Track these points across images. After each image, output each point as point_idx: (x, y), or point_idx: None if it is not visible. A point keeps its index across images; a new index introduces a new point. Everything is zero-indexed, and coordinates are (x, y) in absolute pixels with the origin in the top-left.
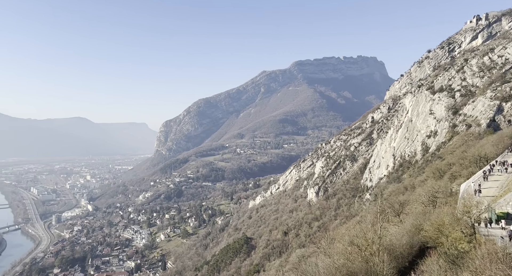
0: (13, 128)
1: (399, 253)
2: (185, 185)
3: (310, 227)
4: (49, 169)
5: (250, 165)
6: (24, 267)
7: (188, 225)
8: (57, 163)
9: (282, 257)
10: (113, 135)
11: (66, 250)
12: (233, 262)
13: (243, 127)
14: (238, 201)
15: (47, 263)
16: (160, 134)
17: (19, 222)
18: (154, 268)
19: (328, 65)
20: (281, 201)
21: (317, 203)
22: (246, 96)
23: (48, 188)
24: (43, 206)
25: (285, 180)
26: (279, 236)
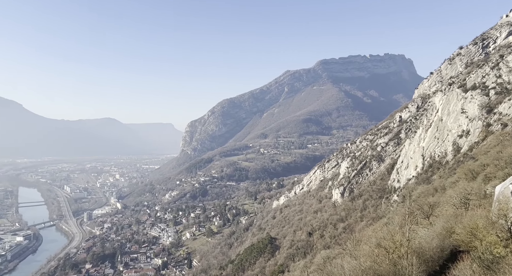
0: (48, 129)
1: (429, 256)
2: (210, 184)
3: (335, 228)
4: (81, 168)
5: (274, 165)
6: (59, 262)
7: (213, 224)
8: (88, 162)
9: (307, 258)
10: (140, 136)
11: (97, 246)
12: (258, 261)
13: (266, 127)
14: (262, 201)
15: (79, 258)
16: (185, 135)
17: (53, 218)
18: (180, 265)
19: (353, 63)
20: (305, 201)
21: (342, 204)
22: (270, 96)
23: (80, 186)
24: (75, 204)
25: (309, 180)
26: (304, 237)
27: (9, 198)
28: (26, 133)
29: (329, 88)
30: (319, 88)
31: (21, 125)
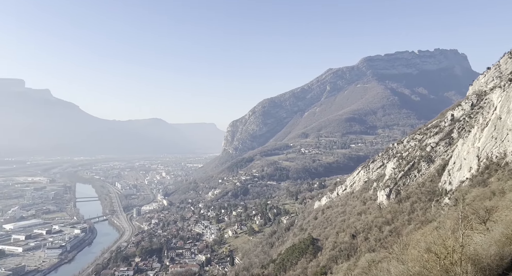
0: (101, 129)
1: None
2: (251, 183)
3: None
4: (131, 165)
5: (315, 165)
6: (111, 254)
7: (254, 223)
8: (137, 160)
9: (350, 261)
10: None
11: (145, 241)
12: (299, 262)
13: (307, 126)
14: (303, 201)
15: (129, 252)
16: (227, 134)
17: (106, 213)
18: (223, 262)
19: (400, 60)
20: (348, 202)
21: (388, 206)
22: (311, 95)
23: (129, 183)
24: (125, 200)
25: (352, 181)
26: (347, 239)
27: (67, 193)
28: (82, 133)
29: (373, 86)
30: (363, 86)
31: (78, 126)
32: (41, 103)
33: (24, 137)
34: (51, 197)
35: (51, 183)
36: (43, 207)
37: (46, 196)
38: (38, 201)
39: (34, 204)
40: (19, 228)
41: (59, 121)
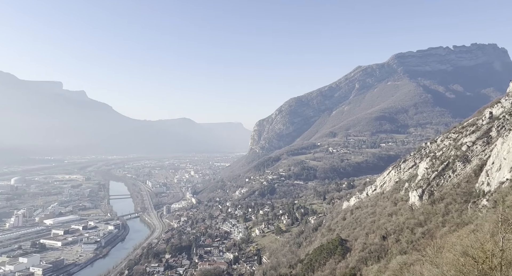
0: (133, 129)
1: None
2: (278, 182)
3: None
4: (161, 164)
5: (343, 164)
6: (143, 250)
7: (281, 222)
8: (167, 159)
9: (381, 263)
10: (212, 134)
11: (175, 238)
12: (328, 262)
13: (335, 125)
14: (331, 201)
15: (160, 248)
16: (253, 133)
17: (138, 210)
18: (251, 261)
19: (434, 56)
20: (378, 203)
21: (421, 207)
22: (339, 93)
23: (160, 181)
24: (156, 197)
25: (382, 181)
26: (377, 240)
27: (102, 190)
28: (115, 132)
29: (405, 83)
30: (394, 84)
31: (111, 125)
32: (77, 104)
33: (62, 136)
34: (87, 194)
35: (86, 181)
36: (80, 203)
37: (82, 193)
38: (75, 198)
39: (71, 201)
40: (58, 223)
41: (93, 122)
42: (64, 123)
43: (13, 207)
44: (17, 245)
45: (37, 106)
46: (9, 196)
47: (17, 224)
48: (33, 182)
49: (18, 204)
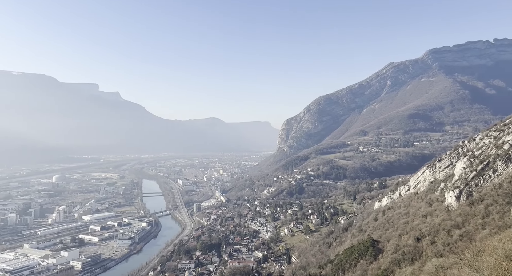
0: (164, 129)
1: None
2: (306, 182)
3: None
4: (191, 163)
5: (375, 164)
6: (174, 247)
7: (310, 222)
8: (196, 158)
9: (415, 265)
10: (241, 134)
11: (204, 236)
12: (359, 264)
13: (366, 124)
14: (362, 201)
15: (190, 245)
16: (281, 132)
17: (169, 208)
18: (280, 260)
19: (472, 50)
20: (411, 204)
21: (458, 209)
22: (370, 91)
23: (190, 180)
24: (186, 195)
25: (416, 181)
26: (411, 242)
27: (135, 188)
28: (147, 132)
29: (440, 79)
30: (428, 80)
31: (144, 125)
32: (112, 105)
33: (98, 136)
34: (121, 192)
35: (121, 179)
36: (115, 201)
37: (117, 191)
38: (110, 195)
39: (107, 198)
40: (95, 219)
41: (127, 122)
42: (100, 124)
43: (54, 203)
44: (59, 239)
45: (75, 108)
46: (51, 193)
47: (58, 220)
48: (72, 179)
49: (59, 200)
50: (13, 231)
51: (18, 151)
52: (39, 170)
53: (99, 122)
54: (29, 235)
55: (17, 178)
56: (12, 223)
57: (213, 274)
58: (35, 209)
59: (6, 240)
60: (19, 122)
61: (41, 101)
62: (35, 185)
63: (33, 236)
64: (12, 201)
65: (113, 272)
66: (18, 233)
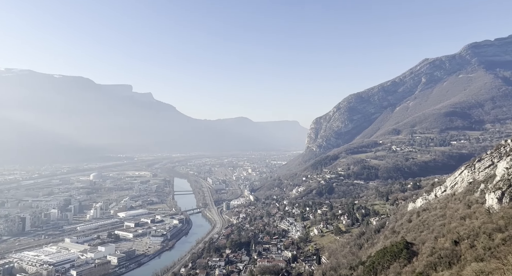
0: (194, 129)
1: None
2: (336, 181)
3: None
4: (220, 162)
5: (408, 163)
6: (205, 245)
7: (341, 223)
8: (225, 157)
9: (453, 269)
10: (269, 133)
11: (234, 234)
12: (392, 266)
13: (399, 122)
14: (395, 202)
15: (220, 243)
16: (310, 132)
17: (200, 206)
18: (309, 260)
19: None
20: (448, 205)
21: (500, 211)
22: (403, 88)
23: (219, 178)
24: (216, 194)
25: (453, 181)
26: (448, 245)
27: (167, 186)
28: (179, 131)
29: (480, 75)
30: (467, 76)
31: (175, 125)
32: (144, 106)
33: (132, 136)
34: (154, 189)
35: (153, 177)
36: (148, 198)
37: (150, 189)
38: (143, 193)
39: (141, 196)
40: (129, 216)
41: (159, 122)
42: (134, 124)
43: (92, 200)
44: (96, 235)
45: (110, 108)
46: (88, 190)
47: (96, 216)
48: (108, 177)
49: (96, 197)
50: (55, 226)
51: (59, 149)
52: (78, 168)
53: (133, 122)
54: (69, 230)
55: (58, 175)
56: (54, 218)
57: (242, 273)
58: (74, 205)
59: (49, 234)
60: (60, 122)
61: (80, 102)
62: (74, 182)
63: (73, 231)
64: (54, 197)
65: (146, 268)
66: (60, 227)
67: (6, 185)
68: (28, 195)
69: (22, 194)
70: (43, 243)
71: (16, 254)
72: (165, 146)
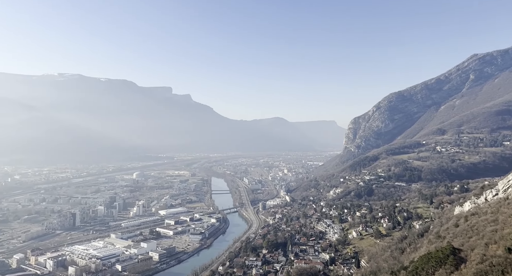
0: (230, 129)
1: None
2: (376, 183)
3: None
4: (256, 162)
5: (455, 165)
6: (242, 244)
7: (381, 226)
8: (261, 157)
9: None
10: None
11: (270, 234)
12: (437, 272)
13: (444, 122)
14: (440, 206)
15: (257, 243)
16: (348, 132)
17: (236, 205)
18: (348, 264)
19: None
20: (500, 210)
21: None
22: (449, 86)
23: (255, 178)
24: (252, 194)
25: (507, 184)
26: (500, 252)
27: (205, 185)
28: (216, 132)
29: None
30: None
31: (212, 126)
32: (183, 107)
33: (171, 136)
34: (192, 188)
35: (192, 176)
36: (187, 197)
37: (188, 188)
38: (182, 192)
39: (180, 194)
40: (169, 214)
41: (197, 122)
42: (173, 124)
43: (134, 197)
44: (139, 231)
45: (151, 110)
46: (132, 188)
47: (138, 213)
48: (150, 176)
49: (138, 195)
50: (101, 222)
51: (105, 149)
52: (122, 167)
53: (173, 123)
54: (114, 226)
55: (104, 174)
56: (101, 215)
57: (279, 273)
58: (119, 203)
59: (97, 230)
60: (106, 124)
61: (124, 104)
62: (118, 180)
63: (118, 227)
64: (100, 194)
65: (186, 265)
66: (106, 223)
67: (59, 182)
68: (78, 192)
69: (73, 191)
70: (91, 238)
71: (68, 247)
72: (203, 146)
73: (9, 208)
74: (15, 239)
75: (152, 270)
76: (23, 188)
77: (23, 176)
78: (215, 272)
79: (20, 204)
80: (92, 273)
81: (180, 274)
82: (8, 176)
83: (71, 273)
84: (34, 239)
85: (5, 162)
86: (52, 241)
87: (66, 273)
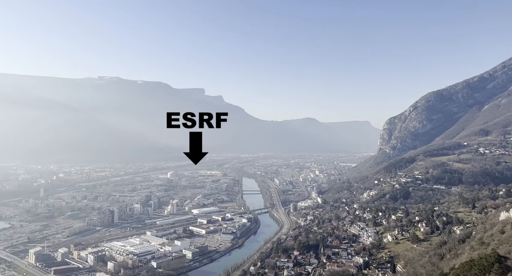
0: (261, 130)
1: None
2: (412, 186)
3: None
4: (286, 163)
5: (500, 168)
6: (273, 245)
7: (418, 230)
8: (292, 158)
9: None
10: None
11: (302, 236)
12: None
13: (488, 122)
14: (483, 211)
15: (288, 244)
16: (383, 132)
17: (267, 206)
18: (383, 268)
19: None
20: None
21: None
22: (493, 84)
23: (286, 179)
24: (283, 195)
25: None
26: None
27: (236, 186)
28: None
29: None
30: None
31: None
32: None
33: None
34: (224, 188)
35: (224, 176)
36: (219, 196)
37: (220, 188)
38: (214, 191)
39: (212, 194)
40: (202, 213)
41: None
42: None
43: (169, 196)
44: (173, 229)
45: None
46: (166, 187)
47: (173, 212)
48: (183, 176)
49: (172, 194)
50: (138, 220)
51: (141, 149)
52: (157, 167)
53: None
54: (150, 224)
55: (141, 173)
56: (137, 212)
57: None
58: (154, 201)
59: (133, 227)
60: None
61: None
62: (154, 180)
63: (153, 225)
64: (137, 193)
65: (218, 264)
66: (142, 221)
67: (98, 181)
68: (116, 190)
69: (111, 189)
70: (128, 234)
71: (107, 243)
72: (234, 146)
73: (55, 205)
74: (59, 234)
75: (186, 267)
76: (67, 186)
77: (66, 174)
78: (246, 272)
79: (64, 201)
80: (129, 269)
81: (213, 272)
82: (53, 174)
83: (110, 268)
84: (76, 234)
85: (51, 161)
86: (92, 236)
87: (106, 268)
